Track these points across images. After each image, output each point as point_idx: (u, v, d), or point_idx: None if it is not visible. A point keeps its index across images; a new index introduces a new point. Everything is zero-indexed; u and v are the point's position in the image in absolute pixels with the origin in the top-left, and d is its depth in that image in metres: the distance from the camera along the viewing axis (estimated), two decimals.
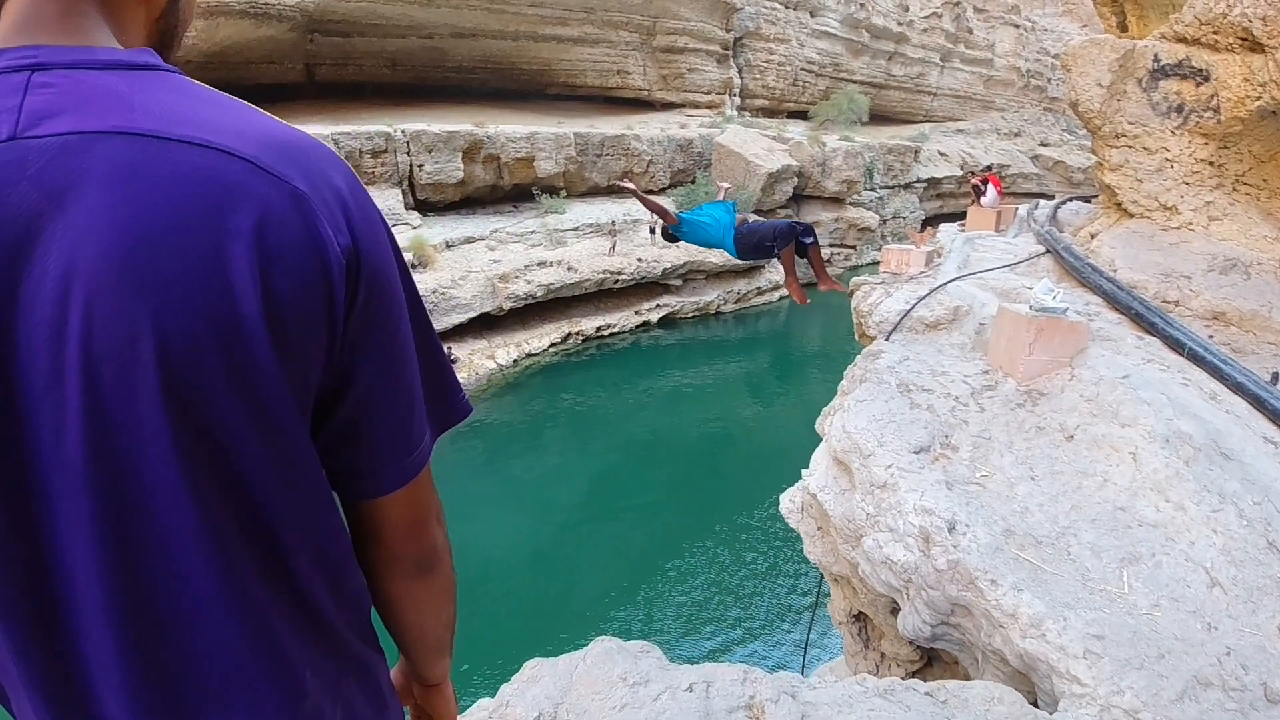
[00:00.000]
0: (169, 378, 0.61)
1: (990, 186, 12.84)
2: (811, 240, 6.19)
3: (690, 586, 12.42)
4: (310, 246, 0.65)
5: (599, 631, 10.29)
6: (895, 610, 4.67)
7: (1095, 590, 3.42)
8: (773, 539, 13.41)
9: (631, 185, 6.21)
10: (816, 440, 6.68)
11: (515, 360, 21.72)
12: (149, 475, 0.63)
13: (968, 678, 4.45)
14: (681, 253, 25.50)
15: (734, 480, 16.30)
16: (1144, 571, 3.52)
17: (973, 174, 14.81)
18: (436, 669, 1.05)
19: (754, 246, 6.19)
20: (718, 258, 26.04)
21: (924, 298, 6.40)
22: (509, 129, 24.82)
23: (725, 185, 7.22)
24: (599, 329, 24.10)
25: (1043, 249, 8.30)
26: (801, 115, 40.18)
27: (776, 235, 6.10)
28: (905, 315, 6.25)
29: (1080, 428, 4.58)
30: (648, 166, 28.99)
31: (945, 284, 6.79)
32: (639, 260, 24.45)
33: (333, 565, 0.78)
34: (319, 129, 20.92)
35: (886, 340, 6.18)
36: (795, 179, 30.21)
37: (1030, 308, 5.17)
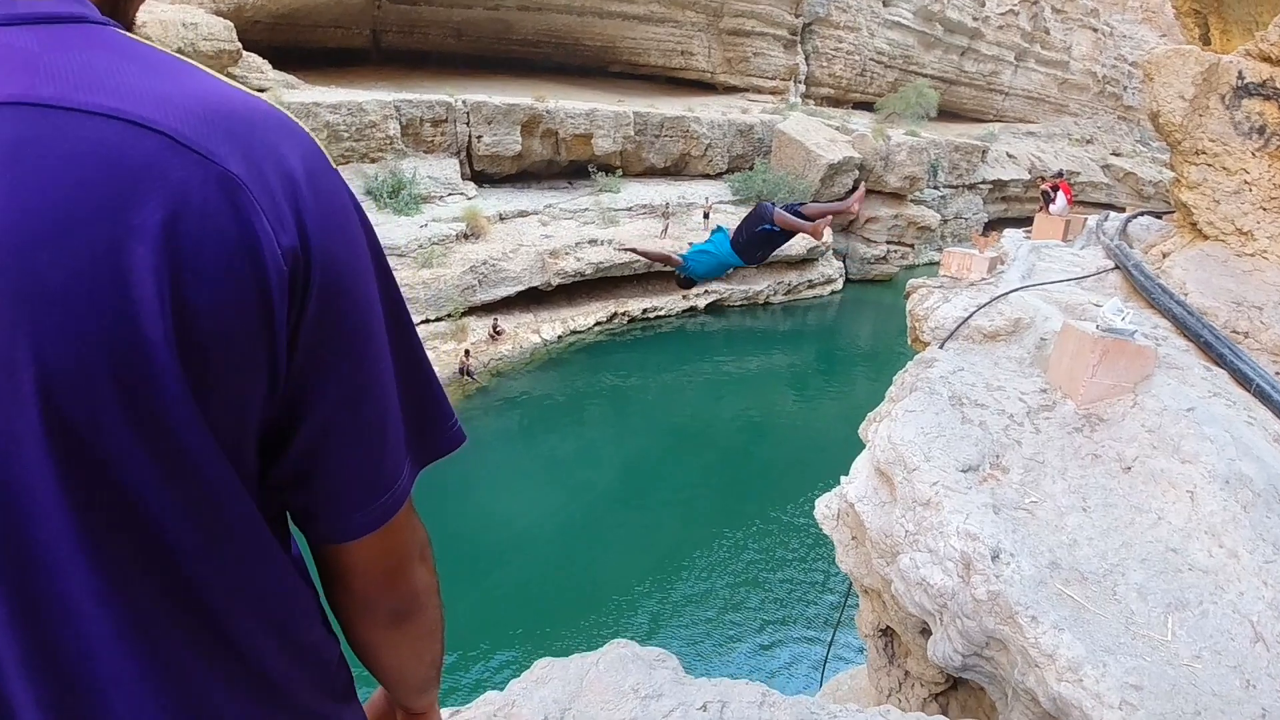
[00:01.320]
0: (52, 417, 0.50)
1: (1060, 193, 12.30)
2: (798, 205, 6.06)
3: (716, 576, 12.34)
4: (240, 248, 0.53)
5: (620, 615, 10.35)
6: (925, 631, 4.51)
7: (1138, 635, 3.26)
8: (804, 537, 13.23)
9: (630, 246, 6.22)
10: (857, 444, 6.48)
11: (560, 336, 21.77)
12: (42, 532, 0.52)
13: (993, 709, 4.29)
14: None
15: (769, 474, 16.12)
16: (1189, 619, 3.37)
17: (1042, 179, 14.18)
18: (420, 703, 0.99)
19: (751, 241, 6.08)
20: None
21: (984, 306, 6.13)
22: (569, 105, 24.72)
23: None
24: (645, 311, 24.00)
25: (1112, 264, 7.91)
26: (867, 107, 39.20)
27: (760, 217, 5.97)
28: (963, 323, 6.01)
29: (1139, 459, 4.35)
30: (706, 150, 28.63)
31: (1007, 293, 6.50)
32: (690, 244, 24.13)
33: (281, 621, 0.67)
34: (382, 95, 21.11)
35: (941, 348, 5.95)
36: (856, 171, 29.53)
37: (1097, 327, 4.91)
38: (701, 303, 25.25)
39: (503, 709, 2.43)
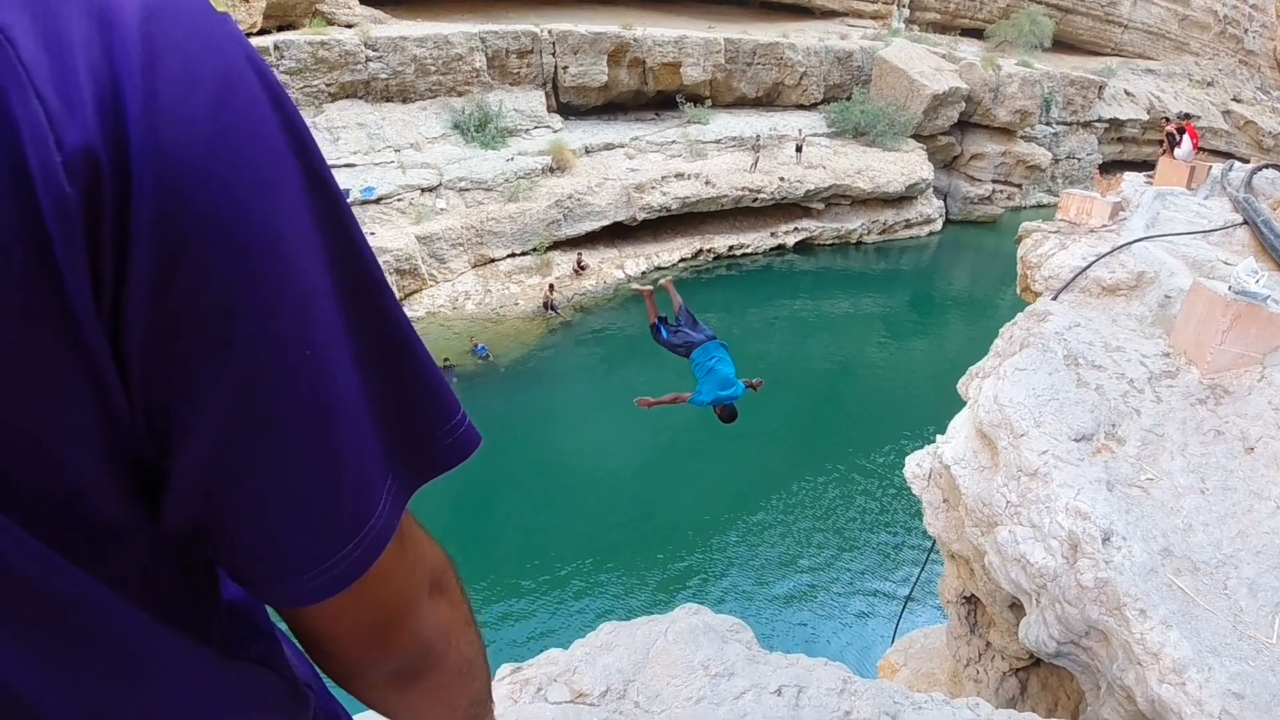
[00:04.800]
0: None
1: (1186, 137, 11.13)
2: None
3: (792, 520, 12.24)
4: None
5: (692, 556, 10.33)
6: (1014, 605, 4.26)
7: (1244, 636, 3.00)
8: (886, 488, 12.91)
9: (644, 400, 6.52)
10: (950, 397, 6.13)
11: (644, 272, 21.54)
12: None
13: (1079, 693, 4.05)
14: (827, 174, 24.14)
15: (853, 422, 15.73)
16: None
17: (1166, 120, 12.85)
18: None
19: (677, 340, 6.68)
20: (865, 183, 24.50)
21: (1105, 255, 5.60)
22: (657, 32, 23.86)
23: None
24: (731, 248, 23.43)
25: (1239, 219, 7.11)
26: (976, 34, 36.40)
27: (656, 334, 6.76)
28: (1081, 273, 5.51)
29: (1262, 440, 3.95)
30: (800, 79, 27.25)
31: (1130, 243, 5.92)
32: (781, 179, 23.32)
33: None
34: (467, 27, 20.91)
35: (1054, 299, 5.48)
36: (963, 104, 27.59)
37: (1229, 288, 4.41)
38: (790, 241, 24.45)
39: (565, 673, 2.37)
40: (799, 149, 24.40)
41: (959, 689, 5.12)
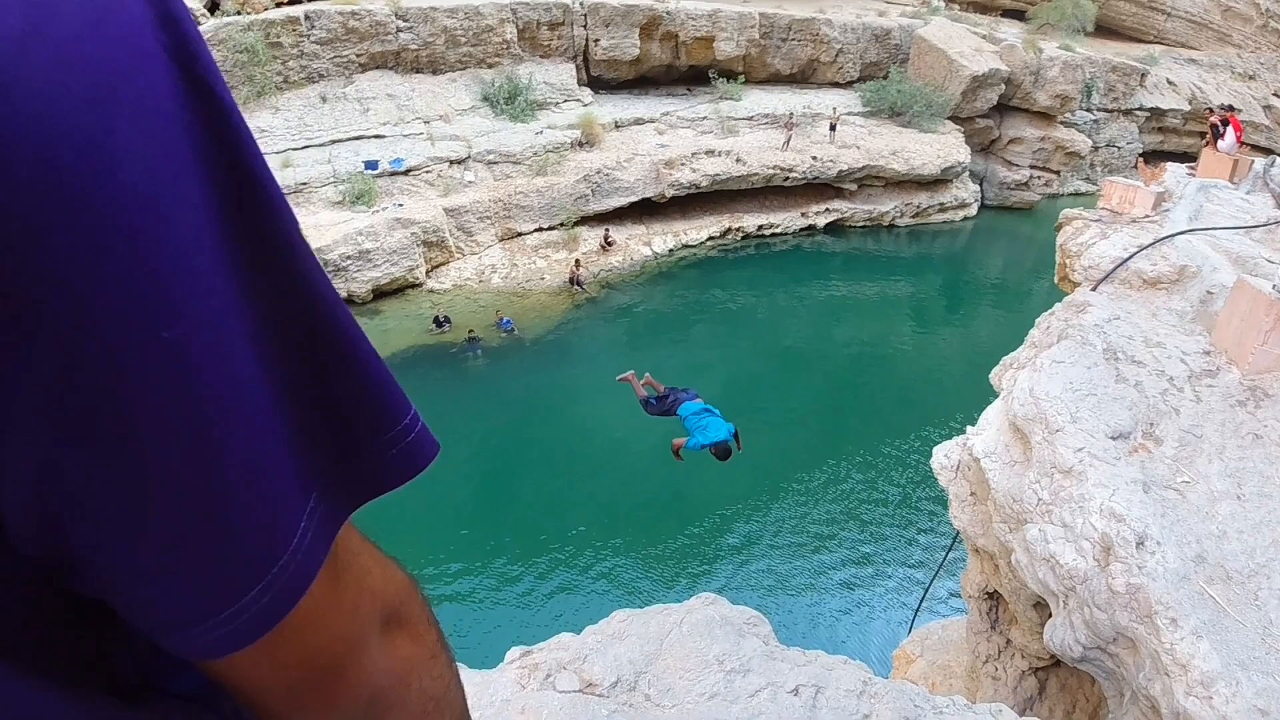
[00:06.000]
0: None
1: (1230, 129, 10.74)
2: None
3: (815, 505, 12.17)
4: None
5: (710, 538, 10.29)
6: (1039, 604, 4.17)
7: (1272, 650, 2.90)
8: (912, 475, 12.78)
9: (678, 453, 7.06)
10: (980, 387, 6.00)
11: (671, 250, 21.41)
12: None
13: (1099, 698, 3.96)
14: (861, 155, 23.70)
15: (879, 407, 15.56)
16: None
17: (1210, 111, 12.39)
18: None
19: (659, 406, 7.76)
20: (899, 165, 24.04)
21: (1147, 247, 5.40)
22: (690, 5, 23.50)
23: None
24: (760, 227, 23.17)
25: None
26: (1017, 15, 35.40)
27: (647, 406, 7.94)
28: (1122, 264, 5.33)
29: None
30: (836, 55, 26.72)
31: (1173, 235, 5.70)
32: (813, 159, 22.94)
33: None
34: None
35: (1094, 290, 5.31)
36: (1002, 86, 26.87)
37: (1274, 287, 4.25)
38: (821, 221, 24.11)
39: (575, 660, 2.34)
40: (833, 128, 23.98)
41: (976, 685, 5.06)
